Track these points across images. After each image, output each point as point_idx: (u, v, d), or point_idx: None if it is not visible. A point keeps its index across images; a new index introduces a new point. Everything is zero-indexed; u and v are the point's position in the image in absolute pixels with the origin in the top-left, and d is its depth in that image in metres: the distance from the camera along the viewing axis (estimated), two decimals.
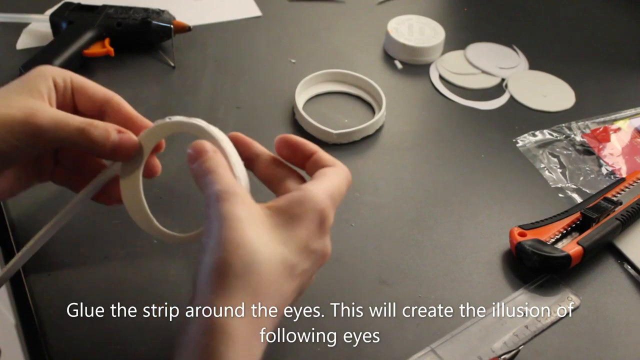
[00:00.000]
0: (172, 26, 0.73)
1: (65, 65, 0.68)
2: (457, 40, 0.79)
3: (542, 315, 0.50)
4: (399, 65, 0.76)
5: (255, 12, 0.82)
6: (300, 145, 0.44)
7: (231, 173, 0.40)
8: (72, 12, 0.74)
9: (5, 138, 0.41)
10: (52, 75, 0.45)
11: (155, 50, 0.75)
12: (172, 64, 0.74)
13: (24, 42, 0.75)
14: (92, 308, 0.49)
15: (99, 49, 0.72)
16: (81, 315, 0.48)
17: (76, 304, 0.49)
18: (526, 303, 0.51)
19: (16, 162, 0.45)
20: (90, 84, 0.47)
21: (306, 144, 0.44)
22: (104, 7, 0.74)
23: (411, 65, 0.76)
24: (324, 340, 0.48)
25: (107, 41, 0.72)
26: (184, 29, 0.74)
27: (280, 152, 0.45)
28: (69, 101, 0.46)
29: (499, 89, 0.74)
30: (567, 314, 0.50)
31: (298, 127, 0.66)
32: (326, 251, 0.41)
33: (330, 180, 0.41)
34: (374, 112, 0.68)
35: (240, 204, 0.37)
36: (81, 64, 0.71)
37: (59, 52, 0.69)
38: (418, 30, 0.78)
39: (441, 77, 0.75)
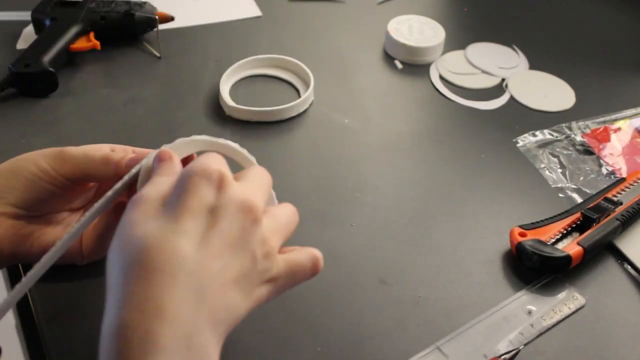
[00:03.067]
0: (156, 17, 0.74)
1: (54, 62, 0.68)
2: (457, 40, 0.79)
3: (548, 313, 0.50)
4: (399, 65, 0.76)
5: (256, 12, 0.82)
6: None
7: (170, 182, 0.40)
8: (54, 8, 0.74)
9: (36, 162, 0.46)
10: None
11: (140, 42, 0.76)
12: (158, 55, 0.74)
13: (24, 42, 0.75)
14: (92, 308, 0.49)
15: (84, 44, 0.72)
16: (81, 315, 0.48)
17: (76, 303, 0.49)
18: (531, 302, 0.51)
19: (44, 189, 0.47)
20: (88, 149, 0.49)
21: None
22: (86, 1, 0.75)
23: (411, 65, 0.76)
24: (324, 340, 0.48)
25: (91, 35, 0.73)
26: (167, 19, 0.75)
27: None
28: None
29: (499, 89, 0.74)
30: (573, 312, 0.50)
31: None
32: (240, 201, 0.38)
33: (245, 177, 0.41)
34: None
35: (136, 210, 0.38)
36: (68, 60, 0.72)
37: (47, 49, 0.69)
38: (418, 30, 0.78)
39: (441, 77, 0.75)
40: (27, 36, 0.75)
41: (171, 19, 0.76)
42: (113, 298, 0.35)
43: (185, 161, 0.45)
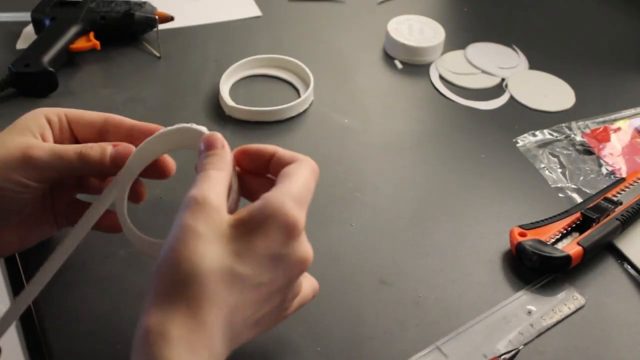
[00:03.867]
0: (156, 17, 0.74)
1: (54, 62, 0.68)
2: (457, 40, 0.79)
3: (548, 313, 0.50)
4: (399, 65, 0.76)
5: (256, 12, 0.82)
6: (257, 152, 0.44)
7: (224, 179, 0.40)
8: (54, 8, 0.74)
9: (6, 176, 0.42)
10: (44, 114, 0.46)
11: (139, 42, 0.76)
12: (158, 55, 0.74)
13: (24, 42, 0.75)
14: (92, 308, 0.49)
15: (84, 43, 0.72)
16: (81, 315, 0.48)
17: (76, 303, 0.49)
18: (531, 301, 0.51)
19: (25, 201, 0.45)
20: (85, 112, 0.47)
21: (263, 148, 0.44)
22: (86, 1, 0.75)
23: (411, 65, 0.76)
24: (324, 340, 0.48)
25: (91, 35, 0.73)
26: (167, 19, 0.75)
27: (242, 165, 0.44)
28: (68, 134, 0.47)
29: (499, 89, 0.74)
30: (573, 312, 0.50)
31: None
32: (302, 256, 0.39)
33: (292, 181, 0.40)
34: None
35: (203, 217, 0.37)
36: (68, 60, 0.72)
37: (47, 49, 0.69)
38: (418, 30, 0.78)
39: (441, 77, 0.75)
40: (27, 36, 0.75)
41: (171, 18, 0.76)
42: (156, 306, 0.35)
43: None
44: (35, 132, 0.45)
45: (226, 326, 0.36)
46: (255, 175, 0.44)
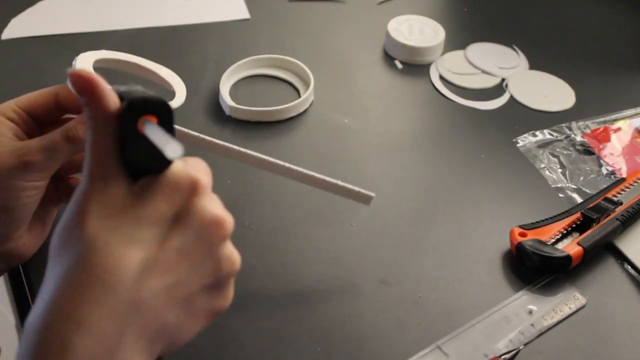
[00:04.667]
0: None
1: None
2: (457, 40, 0.79)
3: (549, 313, 0.50)
4: (399, 65, 0.76)
5: (244, 14, 0.82)
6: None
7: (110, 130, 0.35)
8: None
9: (8, 185, 0.42)
10: (3, 113, 0.45)
11: None
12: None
13: (10, 32, 0.74)
14: None
15: None
16: None
17: None
18: (532, 301, 0.51)
19: (36, 199, 0.45)
20: (31, 95, 0.46)
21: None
22: None
23: (411, 65, 0.76)
24: (324, 340, 0.48)
25: None
26: None
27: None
28: (30, 122, 0.46)
29: (499, 89, 0.74)
30: (574, 312, 0.50)
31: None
32: (210, 216, 0.35)
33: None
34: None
35: (97, 196, 0.33)
36: None
37: None
38: (418, 30, 0.78)
39: (441, 77, 0.75)
40: (15, 26, 0.76)
41: None
42: (44, 293, 0.33)
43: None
44: (9, 135, 0.44)
45: (129, 306, 0.32)
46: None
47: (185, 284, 0.34)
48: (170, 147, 0.31)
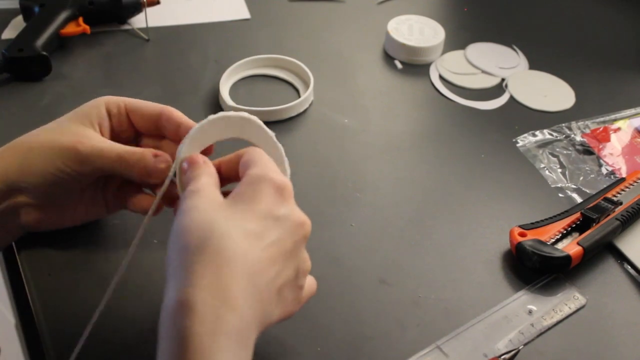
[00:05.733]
0: (143, 0, 0.76)
1: (46, 46, 0.69)
2: (457, 40, 0.79)
3: (548, 313, 0.50)
4: (399, 65, 0.76)
5: (245, 14, 0.82)
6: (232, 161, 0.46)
7: (213, 179, 0.42)
8: None
9: (55, 162, 0.45)
10: (105, 103, 0.49)
11: (128, 25, 0.78)
12: (146, 37, 0.76)
13: (10, 32, 0.75)
14: (92, 308, 0.49)
15: (74, 28, 0.73)
16: (81, 315, 0.48)
17: (76, 303, 0.49)
18: (532, 301, 0.51)
19: (67, 187, 0.47)
20: (143, 103, 0.49)
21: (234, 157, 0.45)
22: None
23: (411, 65, 0.76)
24: (324, 340, 0.48)
25: (80, 20, 0.74)
26: (154, 2, 0.77)
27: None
28: (126, 123, 0.49)
29: (499, 89, 0.74)
30: (574, 312, 0.50)
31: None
32: (299, 218, 0.40)
33: (259, 160, 0.42)
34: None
35: (202, 198, 0.39)
36: (59, 44, 0.73)
37: (38, 34, 0.70)
38: (418, 30, 0.78)
39: (441, 77, 0.75)
40: (15, 26, 0.76)
41: (157, 2, 0.78)
42: (177, 280, 0.36)
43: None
44: (94, 121, 0.48)
45: (251, 287, 0.36)
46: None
47: (283, 275, 0.39)
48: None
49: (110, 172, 0.47)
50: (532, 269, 0.53)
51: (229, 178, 0.46)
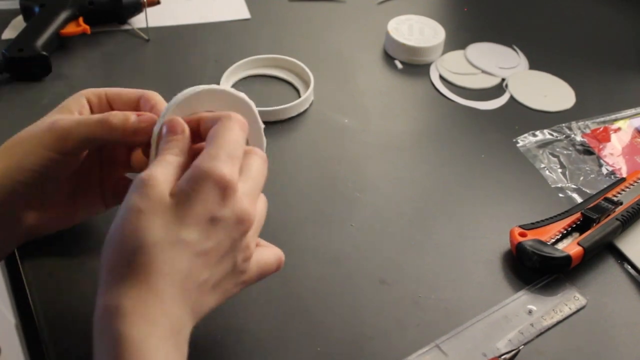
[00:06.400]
0: (143, 0, 0.76)
1: (46, 46, 0.70)
2: (457, 40, 0.79)
3: (548, 313, 0.50)
4: (399, 65, 0.76)
5: (245, 14, 0.82)
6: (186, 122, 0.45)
7: (177, 163, 0.41)
8: None
9: (37, 151, 0.45)
10: (85, 94, 0.48)
11: (128, 24, 0.78)
12: (146, 37, 0.76)
13: (10, 32, 0.75)
14: (92, 308, 0.49)
15: (74, 28, 0.73)
16: (81, 315, 0.48)
17: (76, 303, 0.49)
18: (532, 301, 0.51)
19: (57, 175, 0.47)
20: (123, 90, 0.49)
21: (188, 120, 0.44)
22: None
23: (411, 65, 0.76)
24: (324, 340, 0.48)
25: (81, 20, 0.74)
26: (154, 2, 0.77)
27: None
28: (107, 111, 0.48)
29: (499, 89, 0.74)
30: (574, 312, 0.50)
31: None
32: (239, 215, 0.40)
33: (218, 141, 0.41)
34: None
35: (146, 193, 0.38)
36: (60, 44, 0.73)
37: (38, 34, 0.70)
38: (418, 30, 0.78)
39: (441, 77, 0.75)
40: (15, 26, 0.76)
41: (157, 2, 0.78)
42: (109, 286, 0.37)
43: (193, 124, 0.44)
44: (74, 110, 0.47)
45: (181, 293, 0.38)
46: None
47: (217, 274, 0.40)
48: None
49: (94, 142, 0.46)
50: (532, 269, 0.53)
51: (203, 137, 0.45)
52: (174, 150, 0.41)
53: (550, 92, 0.73)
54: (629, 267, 0.54)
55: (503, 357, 0.46)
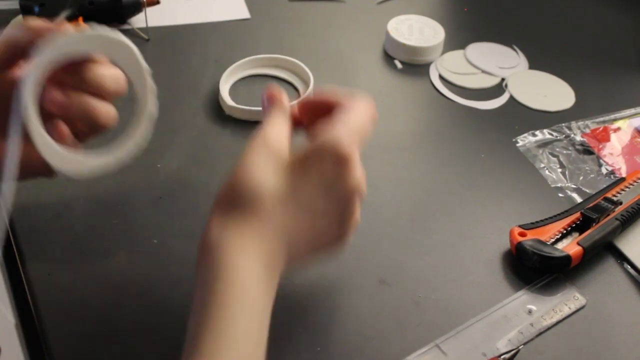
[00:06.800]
0: (142, 0, 0.76)
1: None
2: (457, 40, 0.79)
3: (548, 313, 0.50)
4: (399, 65, 0.76)
5: (245, 14, 0.82)
6: (319, 102, 0.47)
7: (285, 125, 0.44)
8: None
9: None
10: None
11: (128, 24, 0.78)
12: (146, 37, 0.76)
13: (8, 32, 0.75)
14: (92, 308, 0.49)
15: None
16: (81, 314, 0.48)
17: (76, 303, 0.49)
18: (531, 301, 0.51)
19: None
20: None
21: (325, 100, 0.47)
22: None
23: (411, 65, 0.76)
24: (324, 340, 0.48)
25: (80, 20, 0.74)
26: (154, 2, 0.77)
27: (304, 117, 0.48)
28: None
29: (499, 89, 0.74)
30: (574, 312, 0.50)
31: None
32: (353, 186, 0.42)
33: (344, 118, 0.43)
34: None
35: (264, 151, 0.41)
36: None
37: None
38: (418, 30, 0.78)
39: (441, 77, 0.75)
40: (14, 27, 0.76)
41: (157, 2, 0.78)
42: (215, 220, 0.39)
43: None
44: None
45: (283, 236, 0.40)
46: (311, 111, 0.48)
47: (320, 239, 0.43)
48: None
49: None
50: (532, 269, 0.53)
51: (300, 122, 0.48)
52: (280, 114, 0.45)
53: (550, 92, 0.73)
54: (629, 266, 0.54)
55: (503, 357, 0.46)
